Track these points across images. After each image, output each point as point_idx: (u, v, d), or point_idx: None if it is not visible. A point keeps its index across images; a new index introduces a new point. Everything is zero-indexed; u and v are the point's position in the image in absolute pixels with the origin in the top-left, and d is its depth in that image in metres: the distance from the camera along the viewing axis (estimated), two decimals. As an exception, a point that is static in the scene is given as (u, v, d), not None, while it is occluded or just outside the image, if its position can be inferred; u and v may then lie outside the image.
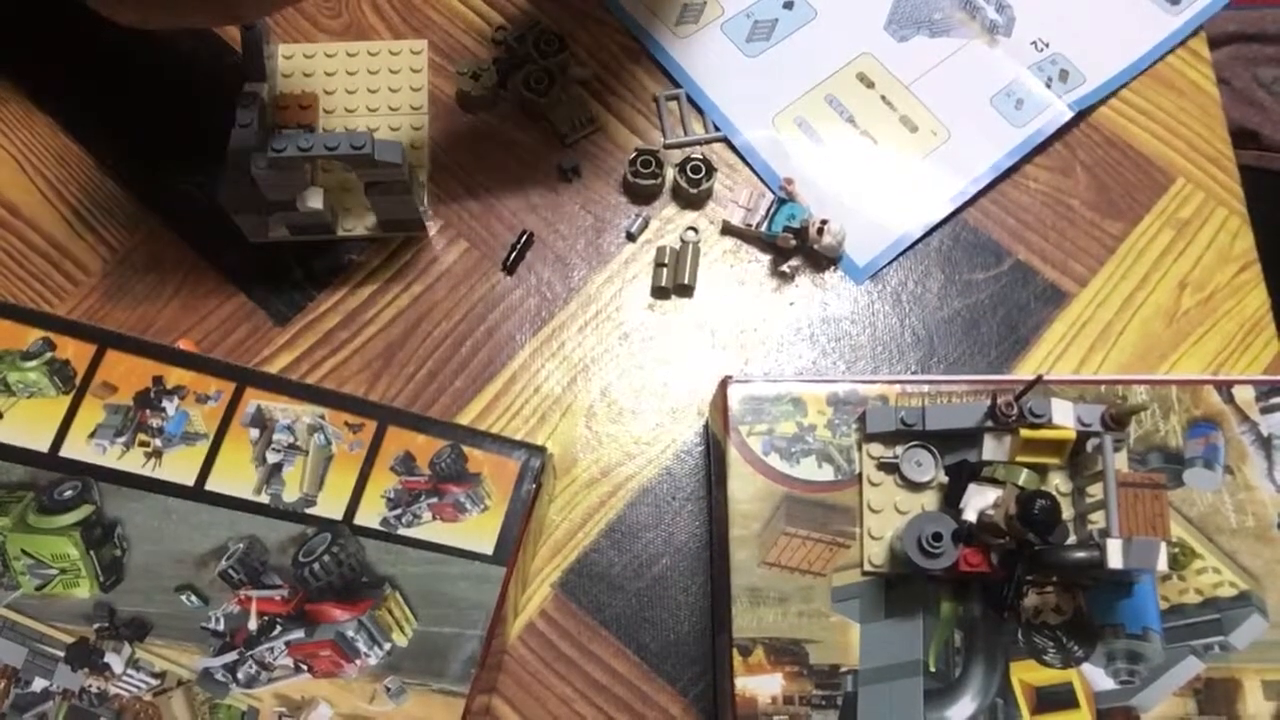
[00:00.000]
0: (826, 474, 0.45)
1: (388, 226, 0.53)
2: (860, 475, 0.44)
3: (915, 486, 0.44)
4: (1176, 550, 0.43)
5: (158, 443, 0.44)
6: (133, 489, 0.44)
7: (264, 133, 0.48)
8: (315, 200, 0.49)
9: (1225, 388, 0.46)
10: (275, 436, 0.45)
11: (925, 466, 0.44)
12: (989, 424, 0.42)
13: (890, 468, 0.44)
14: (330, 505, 0.44)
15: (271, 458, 0.44)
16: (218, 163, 0.47)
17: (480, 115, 0.57)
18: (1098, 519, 0.42)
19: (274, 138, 0.46)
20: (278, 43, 0.56)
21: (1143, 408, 0.44)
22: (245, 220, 0.50)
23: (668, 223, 0.55)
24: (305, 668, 0.42)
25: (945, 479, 0.44)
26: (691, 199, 0.55)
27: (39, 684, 0.42)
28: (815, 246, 0.53)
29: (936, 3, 0.60)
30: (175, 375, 0.45)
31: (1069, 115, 0.57)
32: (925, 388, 0.46)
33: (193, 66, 0.57)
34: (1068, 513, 0.43)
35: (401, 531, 0.44)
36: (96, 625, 0.42)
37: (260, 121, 0.48)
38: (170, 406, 0.45)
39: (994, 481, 0.41)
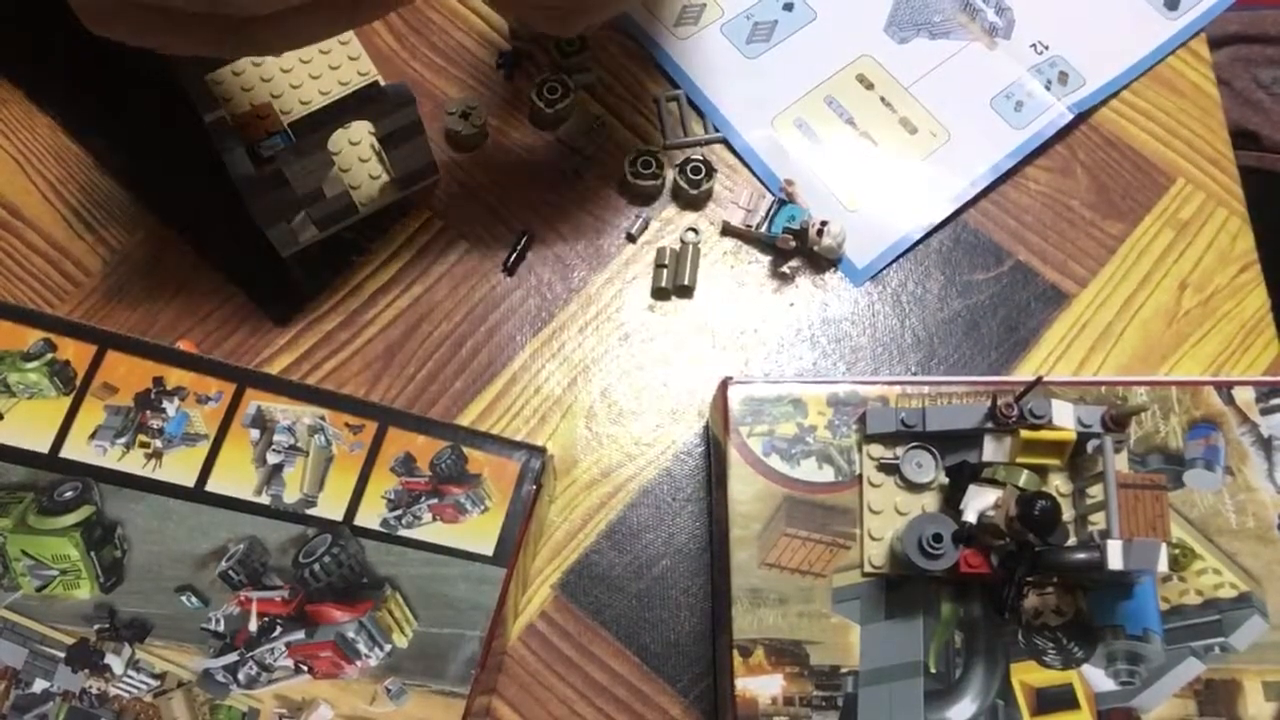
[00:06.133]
0: (827, 475, 0.45)
1: (404, 183, 0.53)
2: (860, 476, 0.44)
3: (915, 488, 0.44)
4: (1177, 551, 0.43)
5: (158, 444, 0.44)
6: (133, 490, 0.44)
7: (243, 149, 0.48)
8: (339, 180, 0.49)
9: (1225, 389, 0.46)
10: (276, 437, 0.45)
11: (925, 468, 0.44)
12: (989, 425, 0.42)
13: (890, 469, 0.44)
14: (331, 506, 0.44)
15: (272, 459, 0.44)
16: (218, 164, 0.47)
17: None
18: (1098, 520, 0.42)
19: (294, 126, 0.46)
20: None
21: (1143, 409, 0.44)
22: (276, 233, 0.50)
23: (668, 224, 0.55)
24: (306, 669, 0.42)
25: (945, 480, 0.44)
26: (691, 200, 0.55)
27: (39, 685, 0.42)
28: (815, 248, 0.54)
29: (936, 5, 0.60)
30: (175, 376, 0.45)
31: (1069, 118, 0.57)
32: (925, 389, 0.46)
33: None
34: (1068, 514, 0.43)
35: (402, 533, 0.44)
36: (97, 626, 0.42)
37: (237, 140, 0.48)
38: (170, 407, 0.45)
39: (994, 483, 0.41)
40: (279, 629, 0.42)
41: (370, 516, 0.44)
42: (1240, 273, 0.55)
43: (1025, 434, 0.41)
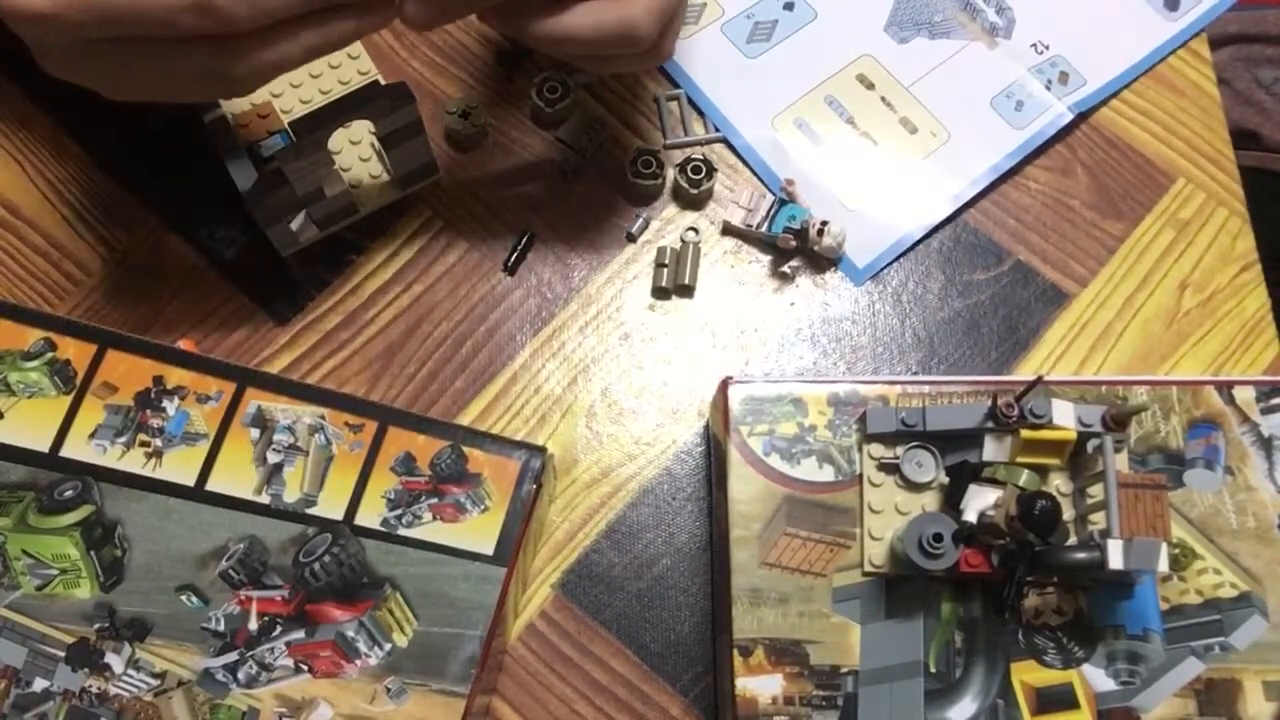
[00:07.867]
0: (827, 475, 0.45)
1: (404, 183, 0.53)
2: (861, 476, 0.44)
3: (916, 487, 0.44)
4: (1177, 551, 0.43)
5: (158, 443, 0.44)
6: (133, 489, 0.44)
7: (242, 149, 0.48)
8: (339, 180, 0.49)
9: (1226, 388, 0.46)
10: (276, 437, 0.45)
11: (926, 467, 0.44)
12: (990, 425, 0.42)
13: (891, 468, 0.44)
14: (331, 506, 0.44)
15: (272, 458, 0.44)
16: (218, 164, 0.47)
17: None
18: (1098, 520, 0.42)
19: (294, 126, 0.46)
20: None
21: (1143, 408, 0.44)
22: (276, 233, 0.50)
23: (668, 223, 0.55)
24: (306, 668, 0.42)
25: (946, 480, 0.43)
26: (692, 199, 0.55)
27: (39, 684, 0.42)
28: (815, 248, 0.54)
29: (937, 5, 0.60)
30: (176, 375, 0.45)
31: (1069, 118, 0.57)
32: (926, 388, 0.46)
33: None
34: (1068, 514, 0.43)
35: (402, 532, 0.44)
36: (97, 625, 0.42)
37: (237, 140, 0.48)
38: (171, 407, 0.45)
39: (994, 482, 0.41)
40: (279, 628, 0.42)
41: (370, 516, 0.44)
42: (1240, 272, 0.55)
43: (1025, 434, 0.41)
